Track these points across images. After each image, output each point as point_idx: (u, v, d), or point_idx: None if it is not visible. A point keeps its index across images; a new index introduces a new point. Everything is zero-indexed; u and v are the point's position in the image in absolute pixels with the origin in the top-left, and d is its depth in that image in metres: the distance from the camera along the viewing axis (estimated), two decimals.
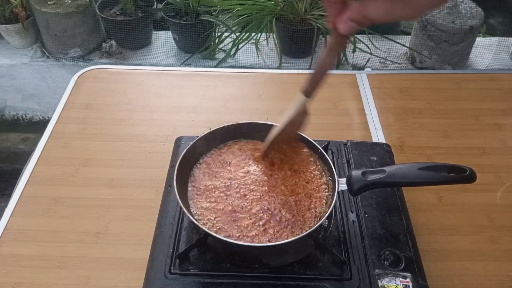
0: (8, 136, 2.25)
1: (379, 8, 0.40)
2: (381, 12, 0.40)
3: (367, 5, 0.41)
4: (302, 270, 0.63)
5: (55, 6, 2.07)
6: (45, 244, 0.75)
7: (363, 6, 0.41)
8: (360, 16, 0.42)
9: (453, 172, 0.61)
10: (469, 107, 1.03)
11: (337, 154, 0.80)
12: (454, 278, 0.70)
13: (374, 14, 0.40)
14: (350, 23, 0.43)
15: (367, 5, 0.41)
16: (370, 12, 0.41)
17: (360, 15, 0.42)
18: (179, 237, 0.68)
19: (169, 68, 1.19)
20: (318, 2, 1.97)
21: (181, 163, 0.67)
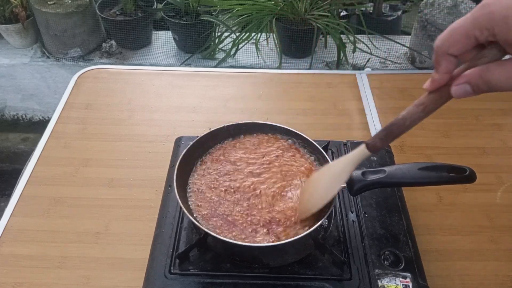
0: (8, 136, 2.25)
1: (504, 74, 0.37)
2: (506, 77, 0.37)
3: (490, 69, 0.37)
4: (302, 270, 0.63)
5: (55, 6, 2.07)
6: (45, 244, 0.75)
7: (486, 70, 0.38)
8: (480, 80, 0.38)
9: (453, 172, 0.61)
10: (469, 107, 1.03)
11: (337, 154, 0.80)
12: (454, 278, 0.70)
13: (497, 80, 0.37)
14: (465, 87, 0.39)
15: (490, 69, 0.37)
16: (493, 77, 0.37)
17: (481, 79, 0.38)
18: (179, 237, 0.68)
19: (169, 68, 1.19)
20: (318, 2, 1.97)
21: (181, 163, 0.67)
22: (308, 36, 1.97)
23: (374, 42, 2.04)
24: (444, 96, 0.42)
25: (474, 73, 0.39)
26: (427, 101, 0.44)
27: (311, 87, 1.10)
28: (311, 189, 0.62)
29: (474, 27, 0.38)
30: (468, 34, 0.38)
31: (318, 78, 1.13)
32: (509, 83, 0.37)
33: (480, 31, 0.37)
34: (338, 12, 2.22)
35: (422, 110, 0.45)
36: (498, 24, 0.36)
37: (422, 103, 0.45)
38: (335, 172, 0.58)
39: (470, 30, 0.38)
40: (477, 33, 0.37)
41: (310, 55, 2.01)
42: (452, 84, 0.40)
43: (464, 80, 0.39)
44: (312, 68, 2.01)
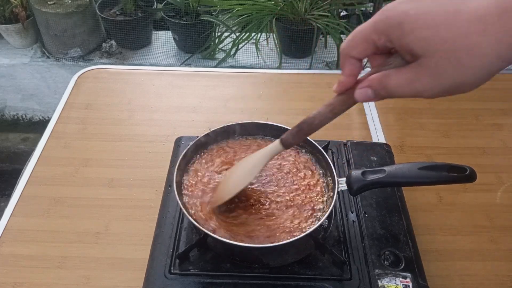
0: (8, 136, 2.25)
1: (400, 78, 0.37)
2: (402, 82, 0.37)
3: (389, 75, 0.38)
4: (302, 270, 0.63)
5: (55, 6, 2.07)
6: (45, 244, 0.75)
7: (385, 75, 0.39)
8: (380, 85, 0.39)
9: (453, 171, 0.61)
10: (469, 107, 1.03)
11: (337, 154, 0.80)
12: (454, 278, 0.70)
13: (394, 84, 0.38)
14: (367, 91, 0.40)
15: (389, 75, 0.38)
16: (391, 82, 0.38)
17: (380, 84, 0.39)
18: (179, 237, 0.68)
19: (169, 68, 1.19)
20: (318, 2, 1.97)
21: (181, 163, 0.67)
22: (308, 36, 1.97)
23: None
24: (351, 99, 0.43)
25: (375, 77, 0.39)
26: (335, 102, 0.46)
27: (311, 87, 1.10)
28: (228, 178, 0.64)
29: (372, 32, 0.38)
30: (368, 38, 0.39)
31: (318, 78, 1.13)
32: (404, 89, 0.37)
33: (378, 36, 0.38)
34: (338, 12, 2.22)
35: (331, 111, 0.46)
36: (393, 30, 0.36)
37: (331, 103, 0.46)
38: (249, 164, 0.61)
39: (369, 34, 0.39)
40: (375, 37, 0.38)
41: (310, 55, 2.01)
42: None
43: (366, 84, 0.40)
44: (312, 68, 2.01)
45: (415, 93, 0.37)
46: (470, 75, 0.34)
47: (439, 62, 0.34)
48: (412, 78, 0.37)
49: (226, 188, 0.63)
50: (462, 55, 0.34)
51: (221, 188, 0.64)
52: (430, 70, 0.35)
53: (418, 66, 0.36)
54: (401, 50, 0.37)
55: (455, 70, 0.34)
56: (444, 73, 0.35)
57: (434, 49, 0.34)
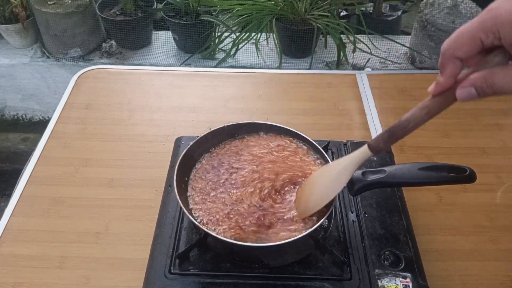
0: (8, 136, 2.25)
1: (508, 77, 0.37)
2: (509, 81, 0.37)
3: (495, 72, 0.38)
4: (302, 270, 0.63)
5: (55, 6, 2.07)
6: (45, 244, 0.75)
7: (491, 73, 0.38)
8: (485, 83, 0.38)
9: (453, 172, 0.61)
10: (469, 107, 1.03)
11: (337, 154, 0.80)
12: (454, 278, 0.70)
13: (501, 82, 0.37)
14: (470, 90, 0.39)
15: (495, 72, 0.38)
16: (497, 80, 0.37)
17: (485, 82, 0.38)
18: (179, 237, 0.68)
19: (169, 68, 1.19)
20: (318, 2, 1.97)
21: (181, 163, 0.67)
22: (308, 36, 1.97)
23: (374, 42, 2.04)
24: (449, 100, 0.43)
25: (479, 76, 0.39)
26: (431, 104, 0.44)
27: (311, 87, 1.10)
28: (311, 189, 0.62)
29: (480, 31, 0.38)
30: (474, 37, 0.38)
31: (318, 78, 1.13)
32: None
33: (485, 35, 0.38)
34: (338, 12, 2.22)
35: (426, 113, 0.45)
36: (503, 27, 0.36)
37: (426, 106, 0.45)
38: (336, 172, 0.58)
39: (476, 33, 0.38)
40: (483, 36, 0.38)
41: (310, 55, 2.01)
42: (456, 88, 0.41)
43: (469, 83, 0.39)
44: (312, 68, 2.01)
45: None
46: None
47: None
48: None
49: (313, 199, 0.60)
50: None
51: (307, 198, 0.61)
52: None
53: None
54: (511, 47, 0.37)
55: None
56: None
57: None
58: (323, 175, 0.61)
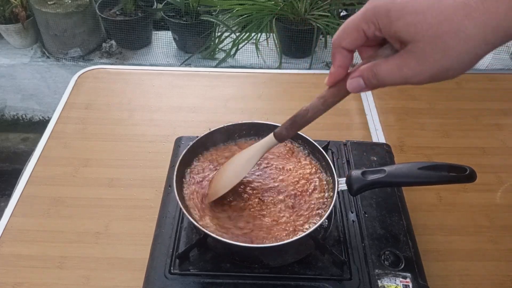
0: (8, 136, 2.25)
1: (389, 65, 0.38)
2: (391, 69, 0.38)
3: (379, 63, 0.39)
4: (302, 270, 0.63)
5: (55, 6, 2.07)
6: (45, 244, 0.75)
7: (375, 64, 0.39)
8: (370, 73, 0.40)
9: (453, 171, 0.61)
10: (469, 107, 1.03)
11: (337, 154, 0.80)
12: (454, 278, 0.70)
13: (384, 71, 0.38)
14: (358, 80, 0.41)
15: (379, 63, 0.39)
16: (381, 70, 0.39)
17: (371, 72, 0.40)
18: (179, 237, 0.68)
19: (169, 68, 1.19)
20: (318, 2, 1.97)
21: (181, 163, 0.67)
22: (308, 36, 1.97)
23: None
24: (342, 90, 0.44)
25: (366, 67, 0.40)
26: (327, 94, 0.46)
27: (311, 87, 1.10)
28: (222, 173, 0.64)
29: (362, 21, 0.39)
30: (358, 28, 0.39)
31: (318, 78, 1.13)
32: (394, 76, 0.38)
33: (367, 25, 0.38)
34: (338, 12, 2.22)
35: (323, 103, 0.46)
36: (381, 18, 0.37)
37: (323, 96, 0.46)
38: (243, 159, 0.61)
39: (359, 24, 0.39)
40: (365, 26, 0.39)
41: (310, 55, 2.01)
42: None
43: (357, 74, 0.41)
44: (312, 68, 2.01)
45: (404, 79, 0.38)
46: (456, 59, 0.35)
47: (426, 47, 0.35)
48: (401, 64, 0.37)
49: (221, 183, 0.63)
50: (447, 39, 0.34)
51: (216, 182, 0.65)
52: (417, 55, 0.36)
53: (406, 52, 0.37)
54: (390, 37, 0.38)
55: (441, 54, 0.35)
56: (431, 58, 0.35)
57: (420, 35, 0.35)
58: (233, 162, 0.64)
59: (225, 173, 0.64)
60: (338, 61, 0.42)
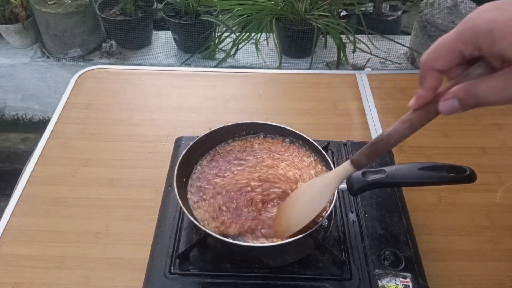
0: (8, 136, 2.25)
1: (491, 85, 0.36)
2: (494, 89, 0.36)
3: (477, 83, 0.37)
4: (302, 270, 0.63)
5: (55, 6, 2.07)
6: (45, 244, 0.75)
7: (473, 84, 0.37)
8: (468, 94, 0.37)
9: (453, 172, 0.61)
10: None
11: (337, 154, 0.80)
12: (454, 278, 0.70)
13: (485, 93, 0.36)
14: (453, 102, 0.38)
15: (477, 83, 0.37)
16: (480, 90, 0.36)
17: (468, 93, 0.37)
18: (179, 237, 0.68)
19: (169, 68, 1.19)
20: (318, 2, 1.97)
21: (181, 163, 0.67)
22: (308, 36, 1.97)
23: (374, 42, 2.04)
24: (431, 113, 0.42)
25: (462, 88, 0.38)
26: (414, 118, 0.43)
27: (311, 87, 1.10)
28: (292, 207, 0.60)
29: (458, 41, 0.37)
30: (454, 48, 0.38)
31: (318, 78, 1.13)
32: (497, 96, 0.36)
33: (465, 45, 0.37)
34: (338, 12, 2.22)
35: (408, 127, 0.44)
36: (482, 38, 0.36)
37: (409, 120, 0.44)
38: (319, 189, 0.57)
39: (455, 44, 0.38)
40: (462, 47, 0.37)
41: (310, 55, 2.01)
42: (439, 101, 0.40)
43: (452, 96, 0.39)
44: (312, 68, 2.01)
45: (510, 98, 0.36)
46: None
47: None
48: (506, 84, 0.36)
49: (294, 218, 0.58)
50: None
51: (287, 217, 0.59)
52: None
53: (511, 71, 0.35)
54: (491, 57, 0.36)
55: None
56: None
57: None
58: (305, 193, 0.59)
59: (298, 207, 0.59)
60: (428, 83, 0.40)
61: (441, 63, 0.39)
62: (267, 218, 0.63)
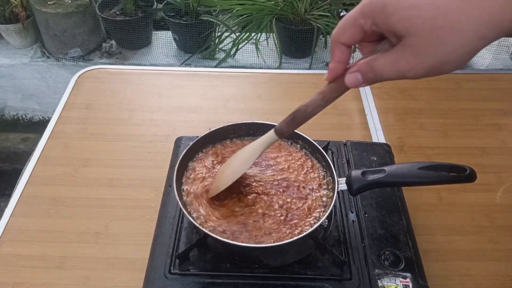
0: (8, 136, 2.25)
1: (386, 59, 0.38)
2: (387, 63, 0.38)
3: (376, 58, 0.39)
4: (302, 270, 0.63)
5: (55, 6, 2.07)
6: (45, 244, 0.75)
7: (373, 58, 0.40)
8: (368, 68, 0.40)
9: (453, 171, 0.61)
10: (469, 107, 1.03)
11: (337, 154, 0.80)
12: (454, 278, 0.70)
13: (380, 65, 0.39)
14: (356, 75, 0.41)
15: (376, 58, 0.39)
16: (378, 64, 0.39)
17: (368, 67, 0.40)
18: (179, 237, 0.68)
19: (169, 68, 1.19)
20: (318, 2, 1.97)
21: (181, 163, 0.67)
22: (308, 36, 1.97)
23: None
24: (342, 86, 0.44)
25: (364, 62, 0.40)
26: (327, 90, 0.46)
27: (311, 87, 1.10)
28: (224, 169, 0.65)
29: (360, 16, 0.39)
30: (356, 23, 0.40)
31: (318, 78, 1.13)
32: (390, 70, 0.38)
33: (364, 20, 0.39)
34: (338, 12, 2.22)
35: (322, 99, 0.47)
36: (378, 12, 0.37)
37: (323, 92, 0.47)
38: (244, 155, 0.62)
39: (357, 19, 0.40)
40: (362, 21, 0.39)
41: (310, 55, 2.01)
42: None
43: (356, 69, 0.41)
44: (312, 68, 2.01)
45: (399, 73, 0.38)
46: (451, 53, 0.35)
47: (421, 41, 0.35)
48: (397, 58, 0.37)
49: (223, 178, 0.64)
50: (442, 33, 0.34)
51: (218, 178, 0.65)
52: (413, 49, 0.36)
53: (401, 46, 0.37)
54: (386, 32, 0.38)
55: (436, 48, 0.35)
56: (426, 52, 0.36)
57: (416, 29, 0.35)
58: (235, 158, 0.64)
59: (226, 170, 0.64)
60: (337, 57, 0.43)
61: (345, 37, 0.41)
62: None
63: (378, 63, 0.39)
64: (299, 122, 0.52)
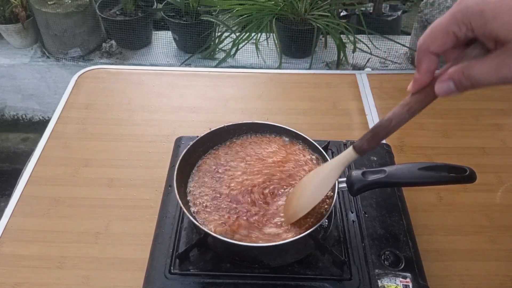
0: (8, 136, 2.25)
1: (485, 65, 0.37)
2: (487, 70, 0.36)
3: (472, 65, 0.37)
4: (302, 270, 0.63)
5: (55, 6, 2.07)
6: (45, 244, 0.75)
7: (468, 65, 0.38)
8: (462, 76, 0.38)
9: (453, 172, 0.61)
10: (469, 107, 1.03)
11: (337, 154, 0.80)
12: (454, 278, 0.70)
13: (479, 72, 0.37)
14: (449, 84, 0.39)
15: (472, 64, 0.38)
16: (475, 71, 0.37)
17: (463, 75, 0.38)
18: (179, 237, 0.68)
19: (169, 68, 1.19)
20: (318, 2, 1.97)
21: (181, 163, 0.67)
22: (308, 36, 1.97)
23: (374, 42, 2.04)
24: (429, 96, 0.42)
25: (456, 69, 0.39)
26: (412, 101, 0.44)
27: (311, 87, 1.10)
28: (300, 193, 0.61)
29: (452, 23, 0.38)
30: (447, 30, 0.38)
31: (318, 78, 1.13)
32: (491, 76, 0.37)
33: (458, 27, 0.38)
34: (338, 12, 2.22)
35: (407, 111, 0.45)
36: (474, 18, 0.36)
37: (407, 103, 0.45)
38: (323, 176, 0.58)
39: (448, 26, 0.38)
40: (455, 28, 0.38)
41: (310, 55, 2.01)
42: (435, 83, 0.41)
43: (447, 77, 0.39)
44: (312, 68, 2.01)
45: (503, 79, 0.36)
46: None
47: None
48: (499, 64, 0.36)
49: (300, 205, 0.60)
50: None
51: (294, 204, 0.61)
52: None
53: (504, 52, 0.35)
54: (484, 38, 0.37)
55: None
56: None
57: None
58: (311, 179, 0.61)
59: (304, 193, 0.60)
60: (424, 67, 0.41)
61: (436, 46, 0.40)
62: (272, 211, 0.64)
63: (475, 70, 0.37)
64: (381, 138, 0.49)
